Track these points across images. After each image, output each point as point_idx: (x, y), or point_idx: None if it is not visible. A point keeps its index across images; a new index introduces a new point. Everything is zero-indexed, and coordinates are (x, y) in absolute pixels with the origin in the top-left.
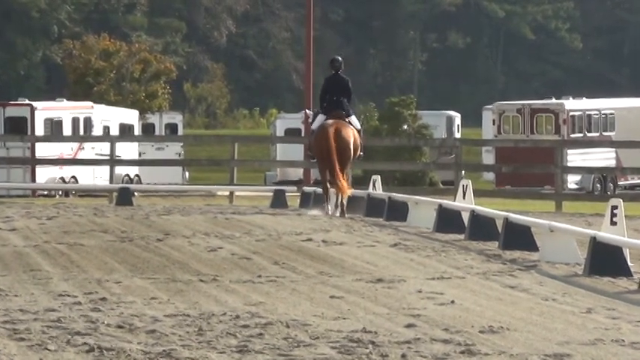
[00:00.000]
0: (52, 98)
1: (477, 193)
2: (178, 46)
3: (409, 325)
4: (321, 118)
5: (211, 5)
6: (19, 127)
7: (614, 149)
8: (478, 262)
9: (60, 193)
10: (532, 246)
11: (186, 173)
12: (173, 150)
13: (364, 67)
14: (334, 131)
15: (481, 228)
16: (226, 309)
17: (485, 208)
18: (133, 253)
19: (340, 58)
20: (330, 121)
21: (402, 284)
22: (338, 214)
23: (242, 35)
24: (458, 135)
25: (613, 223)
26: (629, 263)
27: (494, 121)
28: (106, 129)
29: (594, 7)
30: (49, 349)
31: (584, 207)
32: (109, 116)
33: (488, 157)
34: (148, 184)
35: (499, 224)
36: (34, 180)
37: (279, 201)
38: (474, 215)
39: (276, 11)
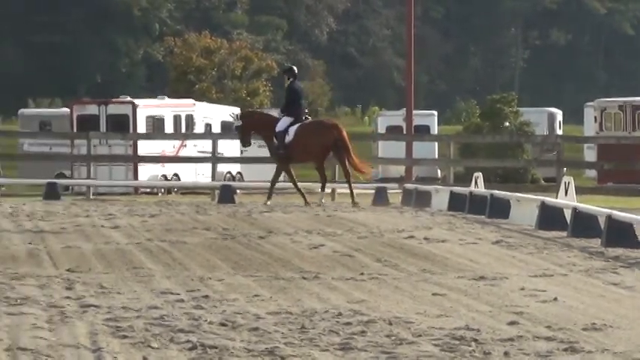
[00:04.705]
0: (154, 96)
1: (579, 190)
2: (279, 44)
3: (512, 323)
4: (287, 120)
5: (312, 3)
6: (121, 125)
7: None
8: (581, 260)
9: (162, 190)
10: (635, 243)
11: None
12: None
13: (465, 64)
14: (342, 129)
15: (583, 225)
16: (329, 306)
17: (588, 205)
18: (235, 251)
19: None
20: (328, 121)
21: (505, 281)
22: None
23: (343, 33)
24: (559, 132)
25: None
26: None
27: (595, 118)
28: (208, 126)
29: None
30: (152, 347)
31: None
32: (210, 114)
33: (590, 154)
34: (250, 181)
35: (601, 221)
36: (136, 178)
37: (381, 198)
38: (577, 212)
39: (376, 9)
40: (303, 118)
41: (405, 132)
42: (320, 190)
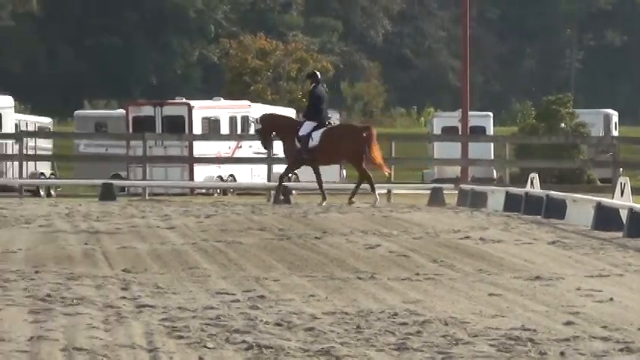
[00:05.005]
0: (209, 97)
1: (635, 191)
2: (335, 45)
3: (568, 323)
4: (310, 124)
5: (367, 4)
6: (176, 126)
7: None
8: (637, 260)
9: (218, 191)
10: None
11: (344, 171)
12: None
13: (520, 65)
14: (373, 132)
15: None
16: (384, 306)
17: None
18: (290, 251)
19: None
20: (361, 125)
21: (561, 282)
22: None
23: (398, 34)
24: (615, 133)
25: None
26: None
27: None
28: None
29: None
30: (207, 347)
31: None
32: None
33: None
34: (306, 182)
35: None
36: (191, 178)
37: (436, 198)
38: (633, 213)
39: (432, 10)
40: (326, 122)
41: (461, 133)
42: (370, 191)
